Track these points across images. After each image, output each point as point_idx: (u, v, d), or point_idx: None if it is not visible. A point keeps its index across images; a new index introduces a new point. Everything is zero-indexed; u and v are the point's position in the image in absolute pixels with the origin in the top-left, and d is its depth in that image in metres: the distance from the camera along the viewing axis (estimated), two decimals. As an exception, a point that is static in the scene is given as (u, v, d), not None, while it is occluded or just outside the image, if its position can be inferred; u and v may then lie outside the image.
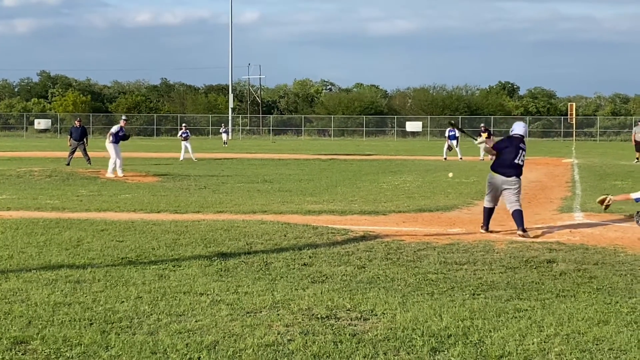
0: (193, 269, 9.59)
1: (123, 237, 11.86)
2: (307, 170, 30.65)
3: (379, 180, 25.53)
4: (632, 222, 14.05)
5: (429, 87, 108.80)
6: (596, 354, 6.25)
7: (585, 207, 16.63)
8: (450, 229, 13.36)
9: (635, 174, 27.81)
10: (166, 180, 25.09)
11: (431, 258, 10.45)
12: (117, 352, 6.22)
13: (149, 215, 14.80)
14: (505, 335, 6.73)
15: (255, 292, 8.30)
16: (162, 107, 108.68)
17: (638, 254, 10.95)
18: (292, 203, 17.50)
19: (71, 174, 25.55)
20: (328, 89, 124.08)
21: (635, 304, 7.94)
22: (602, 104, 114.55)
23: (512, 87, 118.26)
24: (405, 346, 6.41)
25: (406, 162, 38.06)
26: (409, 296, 8.21)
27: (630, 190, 20.76)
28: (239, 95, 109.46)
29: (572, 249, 11.29)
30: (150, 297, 8.05)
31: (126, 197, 18.67)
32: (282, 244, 11.38)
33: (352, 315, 7.38)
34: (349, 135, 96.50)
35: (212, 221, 13.67)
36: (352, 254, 10.67)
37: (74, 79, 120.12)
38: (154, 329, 6.89)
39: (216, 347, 6.38)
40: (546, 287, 8.78)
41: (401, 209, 16.10)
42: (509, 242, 11.90)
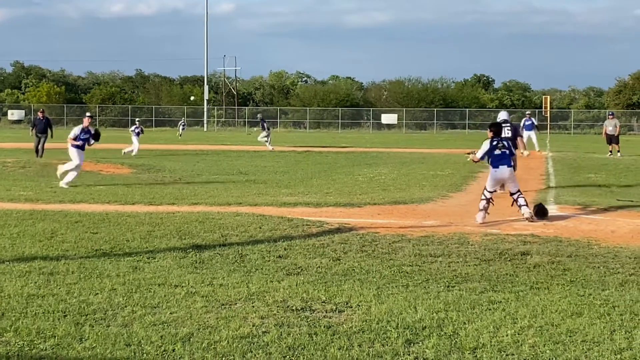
0: (168, 260, 9.56)
1: (97, 229, 11.80)
2: (283, 162, 30.62)
3: (354, 172, 25.55)
4: (605, 214, 14.17)
5: (404, 80, 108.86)
6: (569, 345, 6.29)
7: (559, 199, 16.74)
8: (425, 222, 13.40)
9: (609, 167, 28.02)
10: (141, 172, 24.99)
11: (406, 250, 10.48)
12: (91, 344, 6.19)
13: (123, 207, 14.72)
14: (479, 327, 6.76)
15: (230, 284, 8.29)
16: (137, 98, 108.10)
17: (611, 246, 11.04)
18: (268, 195, 17.48)
19: (45, 165, 25.39)
20: (304, 81, 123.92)
21: (608, 296, 8.00)
22: (576, 97, 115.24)
23: (487, 80, 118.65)
24: (379, 338, 6.43)
25: (381, 154, 38.11)
26: (384, 288, 8.23)
27: (602, 183, 20.95)
28: (214, 86, 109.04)
29: (546, 241, 11.36)
30: (124, 289, 8.01)
31: (100, 189, 18.56)
32: (257, 236, 11.36)
33: (327, 308, 7.39)
34: (325, 127, 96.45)
35: (187, 213, 13.63)
36: (327, 246, 10.68)
37: (48, 69, 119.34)
38: (128, 321, 6.87)
39: (191, 339, 6.36)
40: (520, 279, 8.83)
41: (376, 201, 16.13)
42: (483, 234, 11.95)
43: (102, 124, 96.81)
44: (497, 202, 14.27)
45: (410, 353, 6.08)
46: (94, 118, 28.21)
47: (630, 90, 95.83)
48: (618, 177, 23.72)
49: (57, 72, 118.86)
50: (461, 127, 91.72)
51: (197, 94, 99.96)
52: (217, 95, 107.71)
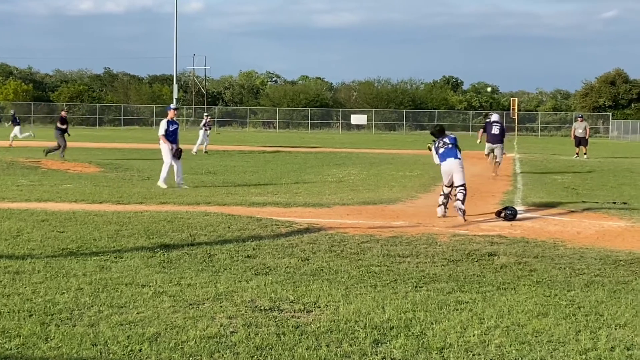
0: (135, 260, 9.51)
1: (64, 228, 11.71)
2: (252, 162, 30.57)
3: (324, 172, 25.57)
4: (571, 216, 14.29)
5: (374, 81, 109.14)
6: (535, 345, 6.34)
7: (526, 201, 16.87)
8: (394, 222, 13.44)
9: (575, 169, 28.29)
10: (108, 170, 24.83)
11: (374, 250, 10.51)
12: (57, 344, 6.14)
13: (90, 206, 14.62)
14: (446, 327, 6.79)
15: (198, 284, 8.26)
16: (105, 96, 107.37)
17: (577, 247, 11.15)
18: (236, 194, 17.44)
19: (11, 163, 25.14)
20: (273, 80, 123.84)
21: (573, 296, 8.07)
22: (544, 99, 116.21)
23: (455, 82, 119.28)
24: (347, 338, 6.44)
25: (351, 155, 38.17)
26: (352, 288, 8.24)
27: (569, 185, 21.13)
28: (183, 86, 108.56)
29: (513, 242, 11.44)
30: (91, 289, 7.96)
31: (67, 188, 18.41)
32: (226, 236, 11.34)
33: (296, 307, 7.38)
34: (294, 127, 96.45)
35: (155, 212, 13.56)
36: (296, 246, 10.68)
37: (15, 67, 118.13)
38: (94, 320, 6.82)
39: (158, 339, 6.33)
40: (487, 279, 8.89)
41: (345, 202, 16.15)
42: (451, 235, 12.01)
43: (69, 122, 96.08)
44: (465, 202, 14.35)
45: (378, 353, 6.10)
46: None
47: (597, 93, 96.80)
48: (584, 178, 23.95)
49: (24, 70, 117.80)
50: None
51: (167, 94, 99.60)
52: (187, 95, 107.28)
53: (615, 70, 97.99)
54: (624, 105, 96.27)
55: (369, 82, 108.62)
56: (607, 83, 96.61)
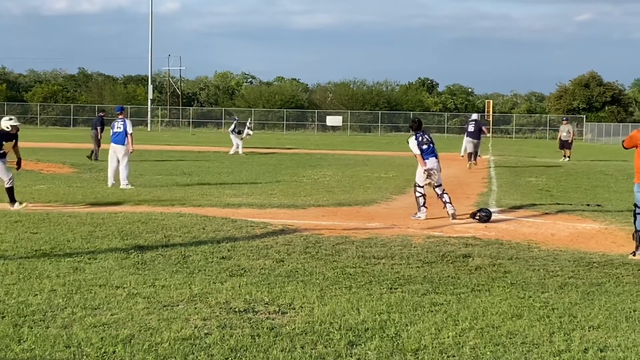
0: (109, 261, 9.45)
1: (37, 229, 11.63)
2: (227, 163, 30.49)
3: (299, 174, 25.56)
4: (545, 218, 14.38)
5: (349, 82, 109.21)
6: (509, 347, 6.37)
7: (500, 202, 16.94)
8: (369, 224, 13.46)
9: (549, 171, 28.45)
10: (83, 171, 24.68)
11: (350, 252, 10.51)
12: (30, 346, 6.09)
13: (64, 207, 14.53)
14: (421, 329, 6.81)
15: (173, 286, 8.22)
16: (79, 97, 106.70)
17: (551, 249, 11.21)
18: (211, 196, 17.39)
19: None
20: (249, 81, 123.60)
21: (547, 298, 8.12)
22: (518, 101, 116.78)
23: (431, 84, 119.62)
24: (322, 340, 6.43)
25: (326, 156, 38.18)
26: (327, 290, 8.24)
27: (543, 187, 21.25)
28: (158, 86, 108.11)
29: (488, 244, 11.49)
30: (64, 290, 7.90)
31: (41, 188, 18.28)
32: (201, 237, 11.30)
33: (270, 309, 7.37)
34: (270, 128, 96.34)
35: (129, 213, 13.49)
36: (271, 248, 10.66)
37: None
38: (68, 322, 6.77)
39: (132, 340, 6.29)
40: (462, 281, 8.92)
41: (320, 203, 16.15)
42: (426, 236, 12.04)
43: (43, 122, 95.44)
44: (439, 206, 14.40)
45: (353, 355, 6.10)
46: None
47: (571, 95, 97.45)
48: (558, 180, 24.10)
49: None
50: (405, 130, 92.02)
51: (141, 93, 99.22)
52: (162, 95, 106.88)
53: (589, 73, 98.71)
54: (597, 108, 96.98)
55: (345, 84, 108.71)
56: (581, 86, 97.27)
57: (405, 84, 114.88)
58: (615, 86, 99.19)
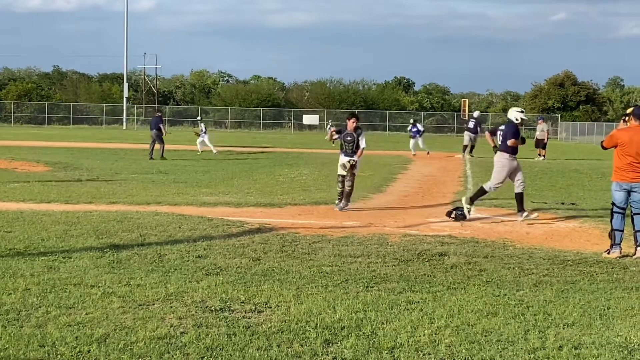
0: (84, 260, 9.40)
1: (11, 228, 11.54)
2: (203, 162, 30.41)
3: (275, 172, 25.54)
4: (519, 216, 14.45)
5: (326, 81, 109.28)
6: (485, 345, 6.39)
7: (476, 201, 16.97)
8: (345, 222, 13.47)
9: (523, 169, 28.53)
10: (57, 169, 24.51)
11: (326, 251, 10.52)
12: (4, 345, 6.05)
13: (38, 206, 14.43)
14: (397, 327, 6.82)
15: (148, 284, 8.19)
16: (53, 95, 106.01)
17: (526, 247, 11.27)
18: (187, 194, 17.34)
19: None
20: (225, 80, 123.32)
21: (522, 296, 8.16)
22: (494, 100, 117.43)
23: (407, 83, 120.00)
24: (298, 338, 6.43)
25: (303, 155, 38.16)
26: (304, 288, 8.24)
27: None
28: (134, 84, 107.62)
29: (463, 242, 11.54)
30: (39, 289, 7.85)
31: (15, 187, 18.14)
32: (177, 236, 11.26)
33: (247, 308, 7.36)
34: (246, 127, 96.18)
35: (104, 212, 13.43)
36: (247, 246, 10.65)
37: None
38: (42, 321, 6.72)
39: (107, 340, 6.26)
40: (437, 279, 8.94)
41: (297, 202, 16.15)
42: (402, 235, 12.07)
43: (17, 120, 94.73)
44: (415, 204, 14.44)
45: (329, 353, 6.10)
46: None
47: (546, 94, 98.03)
48: (533, 179, 24.21)
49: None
50: (382, 129, 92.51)
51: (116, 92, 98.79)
52: (137, 94, 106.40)
53: (564, 73, 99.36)
54: (572, 107, 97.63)
55: (321, 83, 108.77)
56: (556, 85, 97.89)
57: (381, 83, 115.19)
58: (589, 85, 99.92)
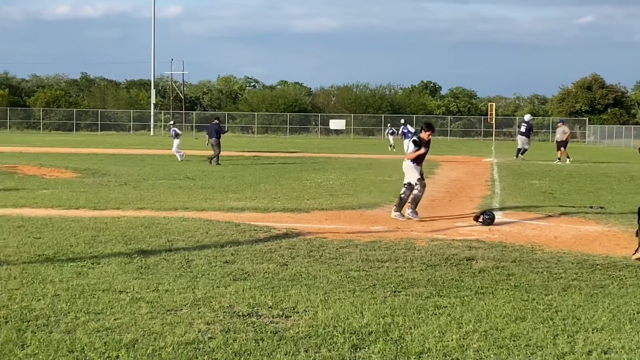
0: (112, 266, 9.45)
1: (40, 234, 11.63)
2: (230, 167, 30.50)
3: (302, 177, 25.56)
4: (548, 220, 14.36)
5: (352, 86, 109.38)
6: (513, 350, 6.36)
7: (504, 205, 16.93)
8: (373, 227, 13.45)
9: (552, 173, 28.42)
10: (85, 176, 24.69)
11: (353, 255, 10.50)
12: (34, 351, 6.09)
13: (67, 212, 14.53)
14: (425, 331, 6.80)
15: (176, 290, 8.22)
16: (82, 102, 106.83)
17: (554, 252, 11.20)
18: (215, 200, 17.39)
19: (-13, 169, 24.95)
20: (252, 85, 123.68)
21: (551, 300, 8.10)
22: (521, 104, 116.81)
23: (434, 87, 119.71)
24: (326, 343, 6.43)
25: (329, 159, 38.17)
26: (331, 293, 8.23)
27: (546, 189, 21.23)
28: (161, 91, 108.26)
29: (491, 246, 11.48)
30: (67, 295, 7.90)
31: (44, 193, 18.29)
32: (204, 241, 11.30)
33: (274, 313, 7.36)
34: (273, 132, 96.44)
35: (132, 218, 13.50)
36: (275, 252, 10.65)
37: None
38: (71, 327, 6.77)
39: (135, 345, 6.29)
40: (465, 284, 8.90)
41: (324, 207, 16.14)
42: (430, 239, 12.03)
43: (46, 127, 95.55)
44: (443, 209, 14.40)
45: (357, 358, 6.09)
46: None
47: (574, 98, 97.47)
48: (561, 183, 24.08)
49: (0, 75, 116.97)
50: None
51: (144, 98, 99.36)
52: (165, 100, 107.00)
53: (591, 76, 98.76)
54: (600, 110, 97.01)
55: (348, 87, 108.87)
56: (583, 88, 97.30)
57: (408, 88, 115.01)
58: (617, 88, 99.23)
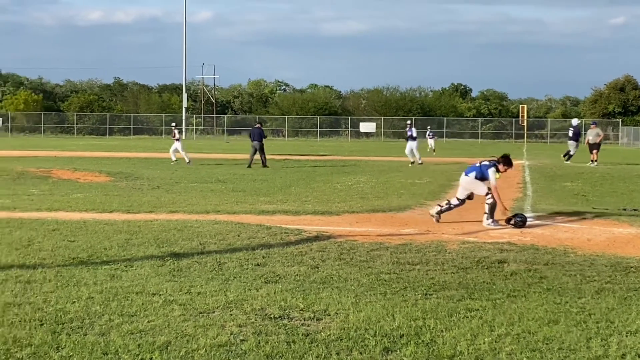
0: (145, 269, 9.52)
1: (75, 237, 11.74)
2: (261, 171, 30.59)
3: (333, 180, 25.57)
4: (581, 223, 14.26)
5: (382, 89, 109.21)
6: (546, 353, 6.33)
7: (536, 208, 16.83)
8: (403, 230, 13.43)
9: (585, 175, 28.20)
10: (119, 180, 24.88)
11: (384, 258, 10.50)
12: (68, 353, 6.16)
13: (101, 215, 14.66)
14: (456, 335, 6.78)
15: (208, 292, 8.27)
16: (114, 106, 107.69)
17: (587, 254, 11.12)
18: (246, 203, 17.45)
19: (22, 173, 25.23)
20: (282, 89, 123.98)
21: (584, 303, 8.05)
22: (553, 106, 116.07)
23: (464, 89, 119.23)
24: (357, 346, 6.43)
25: (360, 162, 38.16)
26: (362, 296, 8.24)
27: (579, 191, 21.07)
28: (192, 95, 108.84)
29: (523, 249, 11.42)
30: (101, 298, 7.98)
31: (78, 197, 18.46)
32: (236, 244, 11.35)
33: (305, 315, 7.39)
34: (303, 135, 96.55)
35: (165, 221, 13.58)
36: (306, 254, 10.68)
37: (26, 77, 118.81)
38: (105, 329, 6.83)
39: (168, 347, 6.34)
40: (497, 287, 8.87)
41: (354, 210, 16.14)
42: (461, 242, 12.00)
43: (79, 132, 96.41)
44: (474, 211, 14.35)
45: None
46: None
47: (606, 99, 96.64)
48: (594, 185, 23.89)
49: (34, 80, 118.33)
50: (439, 136, 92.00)
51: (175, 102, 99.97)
52: (196, 104, 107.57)
53: (624, 77, 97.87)
54: (633, 112, 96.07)
55: (378, 90, 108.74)
56: (616, 89, 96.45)
57: (438, 90, 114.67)
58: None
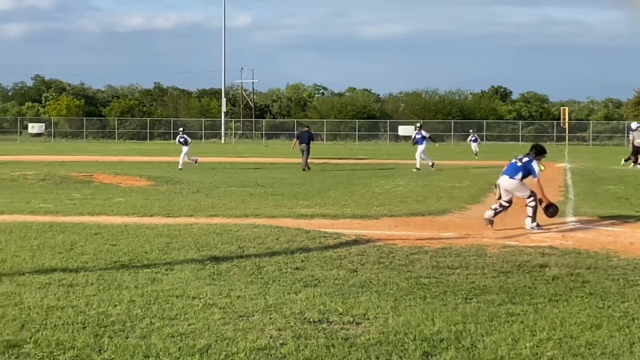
0: (186, 272, 9.58)
1: (116, 241, 11.85)
2: (300, 174, 30.65)
3: (372, 184, 25.54)
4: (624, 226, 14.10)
5: (421, 92, 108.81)
6: (588, 358, 6.27)
7: (578, 211, 16.65)
8: (443, 233, 13.37)
9: (627, 179, 27.86)
10: (159, 184, 25.08)
11: (423, 262, 10.46)
12: (110, 356, 6.22)
13: (141, 219, 14.77)
14: (497, 339, 6.74)
15: (248, 296, 8.30)
16: (155, 111, 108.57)
17: (630, 258, 10.98)
18: (285, 207, 17.49)
19: (65, 177, 25.53)
20: (320, 93, 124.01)
21: (627, 308, 7.96)
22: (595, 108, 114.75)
23: (504, 92, 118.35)
24: (397, 350, 6.42)
25: (399, 166, 38.06)
26: (401, 300, 8.22)
27: (621, 195, 20.82)
28: (231, 99, 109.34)
29: (565, 253, 11.31)
30: (143, 301, 8.04)
31: (119, 201, 18.64)
32: (275, 248, 11.37)
33: (345, 319, 7.38)
34: (342, 139, 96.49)
35: (204, 225, 13.66)
36: (345, 258, 10.67)
37: (68, 83, 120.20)
38: (146, 332, 6.89)
39: (209, 350, 6.38)
40: (539, 291, 8.79)
41: (393, 213, 16.11)
42: (501, 246, 11.91)
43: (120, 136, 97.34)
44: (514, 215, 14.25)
45: (428, 365, 6.07)
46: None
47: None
48: (637, 188, 23.59)
49: (76, 86, 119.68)
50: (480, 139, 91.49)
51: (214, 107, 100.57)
52: (235, 108, 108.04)
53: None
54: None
55: (416, 93, 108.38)
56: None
57: (477, 93, 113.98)
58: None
